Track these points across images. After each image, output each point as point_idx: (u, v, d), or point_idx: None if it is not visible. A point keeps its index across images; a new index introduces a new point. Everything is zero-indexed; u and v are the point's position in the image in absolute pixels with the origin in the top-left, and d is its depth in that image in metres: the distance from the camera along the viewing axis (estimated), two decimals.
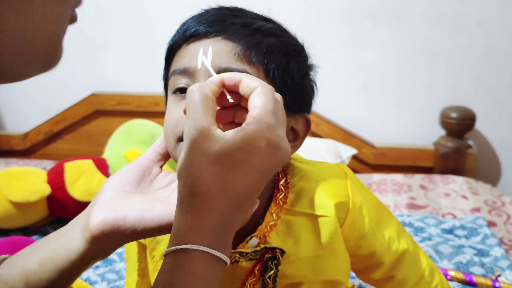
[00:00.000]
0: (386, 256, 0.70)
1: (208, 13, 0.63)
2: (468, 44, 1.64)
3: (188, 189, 0.45)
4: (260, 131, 0.44)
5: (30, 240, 1.05)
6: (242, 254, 0.60)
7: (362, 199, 0.68)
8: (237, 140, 0.43)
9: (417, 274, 0.73)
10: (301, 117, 0.65)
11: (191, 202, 0.45)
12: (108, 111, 1.87)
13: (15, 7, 0.35)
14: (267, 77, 0.60)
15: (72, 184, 1.36)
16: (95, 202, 0.55)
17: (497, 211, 1.42)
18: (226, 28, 0.59)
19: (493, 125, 1.71)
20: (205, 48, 0.58)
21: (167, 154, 0.62)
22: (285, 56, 0.62)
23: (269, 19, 0.66)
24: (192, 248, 0.44)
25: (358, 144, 1.72)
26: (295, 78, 0.62)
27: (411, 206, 1.46)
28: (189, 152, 0.44)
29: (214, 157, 0.43)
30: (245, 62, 0.58)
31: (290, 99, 0.61)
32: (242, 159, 0.43)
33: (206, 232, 0.44)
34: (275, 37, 0.62)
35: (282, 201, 0.63)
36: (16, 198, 1.30)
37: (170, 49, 0.64)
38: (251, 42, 0.59)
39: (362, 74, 1.72)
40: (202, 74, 0.57)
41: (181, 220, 0.46)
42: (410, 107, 1.74)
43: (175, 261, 0.45)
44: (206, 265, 0.44)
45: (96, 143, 1.87)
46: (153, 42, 1.84)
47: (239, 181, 0.44)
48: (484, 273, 1.12)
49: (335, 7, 1.67)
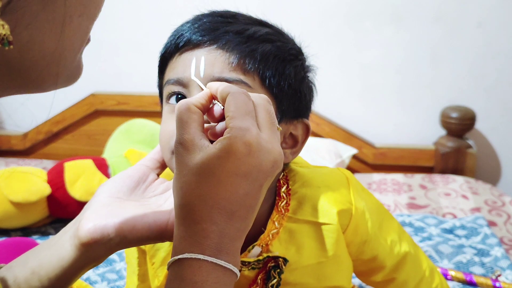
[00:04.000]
0: (388, 259, 0.70)
1: (201, 20, 0.62)
2: (468, 44, 1.64)
3: (178, 202, 0.46)
4: (234, 137, 0.43)
5: (30, 240, 1.05)
6: (244, 263, 0.60)
7: (364, 203, 0.68)
8: (215, 149, 0.43)
9: (418, 275, 0.73)
10: (300, 123, 0.64)
11: (181, 214, 0.45)
12: (108, 111, 1.86)
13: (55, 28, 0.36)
14: (263, 85, 0.59)
15: (72, 184, 1.36)
16: (87, 208, 0.55)
17: (497, 210, 1.42)
18: (219, 37, 0.58)
19: (493, 125, 1.71)
20: (198, 58, 0.57)
21: (165, 162, 0.61)
22: (281, 62, 0.60)
23: (265, 22, 0.64)
24: (187, 257, 0.44)
25: (358, 144, 1.72)
26: (292, 84, 0.61)
27: (411, 206, 1.46)
28: (176, 166, 0.46)
29: (195, 167, 0.44)
30: (239, 71, 0.57)
31: (288, 105, 0.61)
32: (218, 166, 0.43)
33: (199, 241, 0.44)
34: (270, 43, 0.60)
35: (284, 208, 0.62)
36: (16, 198, 1.30)
37: (162, 58, 0.64)
38: (245, 50, 0.58)
39: (362, 74, 1.72)
40: (196, 84, 0.56)
41: (176, 232, 0.46)
42: (411, 107, 1.74)
43: (174, 272, 0.45)
44: (207, 273, 0.43)
45: (96, 143, 1.87)
46: (153, 42, 1.84)
47: (220, 189, 0.44)
48: (484, 273, 1.12)
49: (336, 8, 1.67)
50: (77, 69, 0.43)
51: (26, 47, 0.35)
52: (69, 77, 0.42)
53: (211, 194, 0.44)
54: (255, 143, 0.44)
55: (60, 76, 0.40)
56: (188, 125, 0.46)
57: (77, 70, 0.44)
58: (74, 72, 0.43)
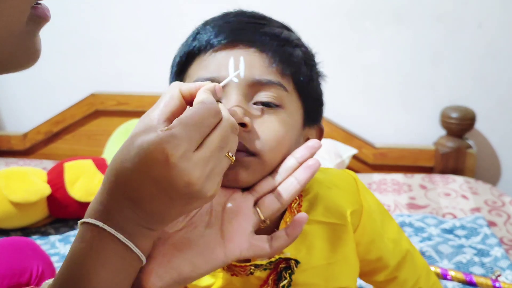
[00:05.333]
0: (391, 259, 0.70)
1: (231, 19, 0.60)
2: (469, 44, 1.64)
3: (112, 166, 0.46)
4: (159, 140, 0.42)
5: (30, 240, 1.05)
6: (257, 266, 0.59)
7: (370, 204, 0.69)
8: (148, 140, 0.43)
9: (416, 273, 0.74)
10: (315, 126, 0.64)
11: (107, 181, 0.46)
12: (108, 111, 1.86)
13: None
14: (296, 90, 0.59)
15: (72, 184, 1.36)
16: None
17: (497, 211, 1.42)
18: (256, 39, 0.57)
19: (493, 125, 1.71)
20: (236, 59, 0.55)
21: None
22: (309, 68, 0.61)
23: (288, 27, 0.64)
24: (92, 222, 0.45)
25: (358, 144, 1.72)
26: (317, 89, 0.62)
27: (411, 206, 1.46)
28: (132, 133, 0.47)
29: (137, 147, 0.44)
30: (278, 75, 0.57)
31: (311, 110, 0.61)
32: (140, 157, 0.43)
33: (109, 213, 0.45)
34: (299, 48, 0.61)
35: (296, 209, 0.62)
36: (16, 198, 1.30)
37: (189, 54, 0.60)
38: (283, 54, 0.57)
39: (362, 74, 1.73)
40: (234, 85, 0.55)
41: (98, 194, 0.47)
42: (411, 107, 1.74)
43: (80, 232, 0.46)
44: (106, 243, 0.44)
45: (96, 143, 1.87)
46: (153, 42, 1.85)
47: (134, 177, 0.43)
48: (484, 273, 1.12)
49: (337, 8, 1.67)
50: (28, 52, 0.41)
51: None
52: (19, 61, 0.40)
53: (128, 178, 0.44)
54: (175, 157, 0.42)
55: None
56: (159, 104, 0.48)
57: (29, 53, 0.41)
58: (24, 56, 0.40)
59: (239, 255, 0.51)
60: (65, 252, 1.27)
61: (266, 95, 0.56)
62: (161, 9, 1.75)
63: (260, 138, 0.54)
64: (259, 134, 0.55)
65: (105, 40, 1.83)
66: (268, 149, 0.55)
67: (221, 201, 0.54)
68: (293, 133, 0.58)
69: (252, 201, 0.54)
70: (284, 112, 0.57)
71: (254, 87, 0.56)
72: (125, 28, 1.81)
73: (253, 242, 0.52)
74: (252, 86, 0.56)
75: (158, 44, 1.79)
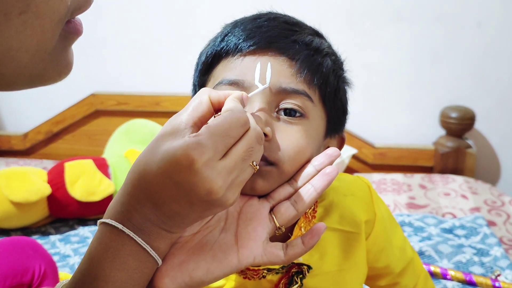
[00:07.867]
0: (396, 266, 0.71)
1: (262, 22, 0.59)
2: (468, 44, 1.64)
3: (134, 169, 0.47)
4: (186, 146, 0.42)
5: (32, 239, 1.05)
6: (270, 270, 0.59)
7: (383, 212, 0.69)
8: (176, 146, 0.43)
9: (416, 277, 0.74)
10: (337, 136, 0.64)
11: (129, 183, 0.46)
12: (108, 111, 1.87)
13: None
14: (321, 101, 0.58)
15: (72, 184, 1.36)
16: None
17: (497, 210, 1.42)
18: (287, 47, 0.56)
19: (493, 125, 1.71)
20: (263, 66, 0.55)
21: None
22: (337, 79, 0.60)
23: (320, 33, 0.63)
24: (111, 224, 0.46)
25: (358, 144, 1.72)
26: (342, 101, 0.62)
27: (410, 205, 1.47)
28: (159, 134, 0.47)
29: (162, 152, 0.44)
30: (305, 84, 0.56)
31: (334, 121, 0.61)
32: (165, 161, 0.43)
33: (127, 215, 0.46)
34: (329, 57, 0.60)
35: (311, 215, 0.62)
36: (16, 198, 1.30)
37: (215, 55, 0.59)
38: (312, 64, 0.57)
39: (362, 74, 1.73)
40: (260, 92, 0.54)
41: (117, 195, 0.48)
42: (410, 107, 1.74)
43: (99, 232, 0.47)
44: (123, 243, 0.45)
45: (96, 143, 1.87)
46: (153, 42, 1.85)
47: (158, 180, 0.44)
48: (484, 273, 1.12)
49: (337, 8, 1.67)
50: (60, 66, 0.42)
51: None
52: (31, 77, 0.41)
53: (151, 181, 0.44)
54: (200, 164, 0.42)
55: (20, 77, 0.39)
56: (188, 108, 0.47)
57: (61, 67, 0.42)
58: (56, 70, 0.42)
59: (252, 261, 0.51)
60: (65, 251, 1.28)
61: (291, 103, 0.55)
62: (161, 9, 1.75)
63: (280, 148, 0.54)
64: (280, 144, 0.54)
65: (105, 40, 1.83)
66: (287, 160, 0.54)
67: (237, 207, 0.54)
68: (314, 144, 0.58)
69: (268, 208, 0.54)
70: (307, 122, 0.56)
71: (280, 95, 0.55)
72: (125, 28, 1.81)
73: (267, 249, 0.52)
74: (278, 94, 0.55)
75: (159, 44, 1.79)
